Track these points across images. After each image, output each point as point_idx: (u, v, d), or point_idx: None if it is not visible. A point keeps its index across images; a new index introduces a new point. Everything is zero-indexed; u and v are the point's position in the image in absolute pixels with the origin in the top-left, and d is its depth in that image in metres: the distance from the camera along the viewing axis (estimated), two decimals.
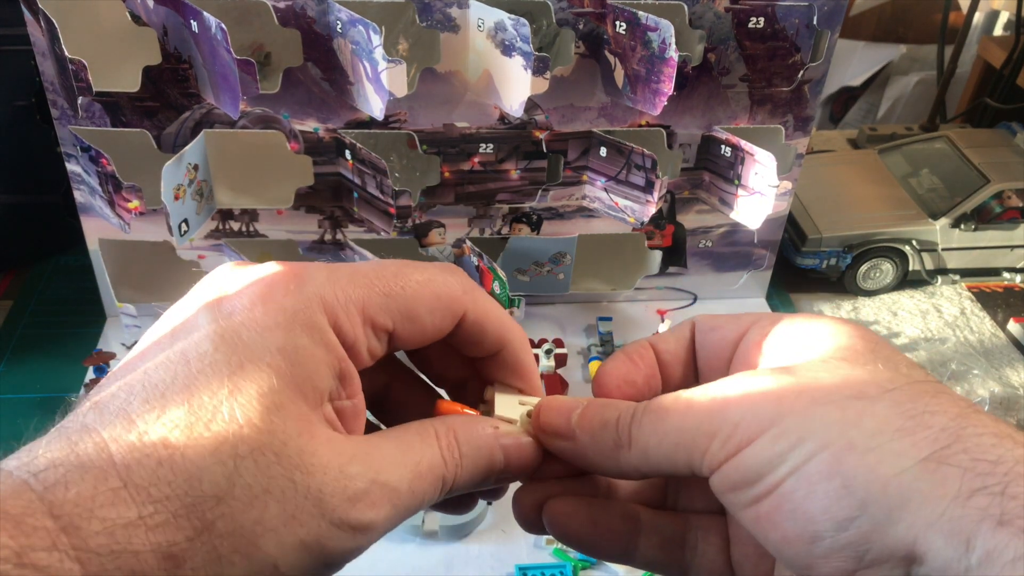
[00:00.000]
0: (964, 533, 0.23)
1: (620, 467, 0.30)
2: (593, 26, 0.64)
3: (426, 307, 0.30)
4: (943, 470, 0.24)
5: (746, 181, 0.68)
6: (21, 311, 0.77)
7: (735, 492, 0.27)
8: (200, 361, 0.25)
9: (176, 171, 0.60)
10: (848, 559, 0.25)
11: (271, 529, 0.24)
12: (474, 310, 0.31)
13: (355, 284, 0.28)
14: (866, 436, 0.25)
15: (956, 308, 0.83)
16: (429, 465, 0.29)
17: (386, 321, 0.29)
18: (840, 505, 0.24)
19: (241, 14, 0.59)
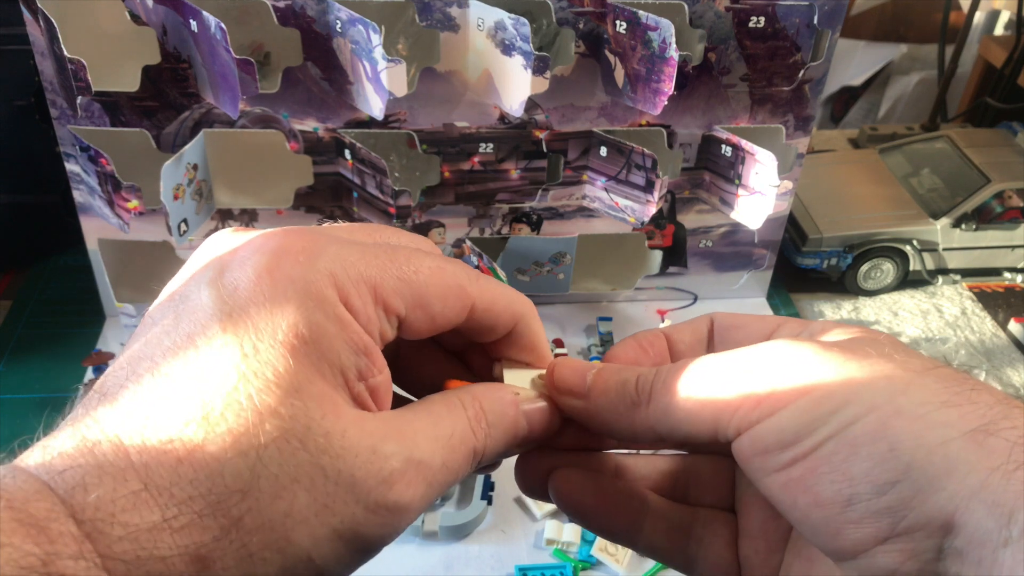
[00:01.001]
0: (1007, 505, 0.22)
1: (634, 427, 0.29)
2: (593, 25, 0.63)
3: (438, 295, 0.28)
4: (990, 442, 0.23)
5: (747, 181, 0.68)
6: (20, 311, 0.77)
7: (764, 456, 0.26)
8: (208, 345, 0.24)
9: (175, 171, 0.60)
10: (882, 525, 0.24)
11: (302, 520, 0.23)
12: (481, 298, 0.30)
13: (367, 263, 0.27)
14: (914, 404, 0.25)
15: (957, 308, 0.83)
16: (461, 438, 0.28)
17: (399, 305, 0.27)
18: (884, 467, 0.24)
19: (240, 14, 0.59)
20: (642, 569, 0.57)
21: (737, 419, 0.27)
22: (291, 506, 0.23)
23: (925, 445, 0.24)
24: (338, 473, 0.24)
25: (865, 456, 0.24)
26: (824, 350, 0.27)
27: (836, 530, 0.25)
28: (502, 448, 0.30)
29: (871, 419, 0.25)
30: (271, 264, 0.25)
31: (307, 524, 0.23)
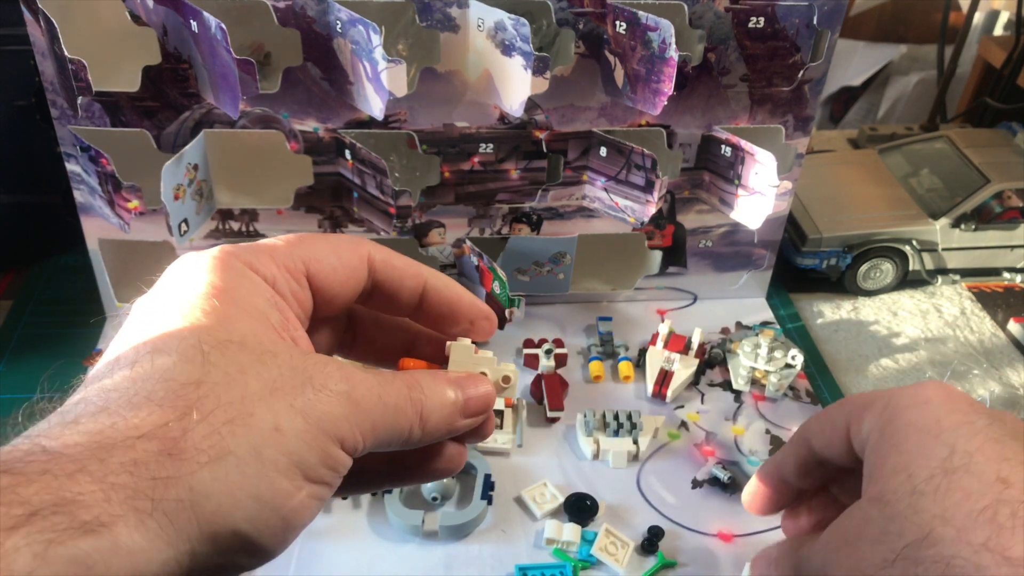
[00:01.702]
0: None
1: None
2: (593, 26, 0.64)
3: (329, 247, 0.32)
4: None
5: (746, 181, 0.68)
6: (21, 311, 0.77)
7: None
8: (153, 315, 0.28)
9: (176, 171, 0.60)
10: None
11: (259, 399, 0.25)
12: (378, 252, 0.33)
13: (258, 246, 0.31)
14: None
15: (956, 308, 0.83)
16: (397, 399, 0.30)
17: (296, 263, 0.31)
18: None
19: (241, 14, 0.59)
20: (642, 569, 0.57)
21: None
22: (245, 389, 0.25)
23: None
24: (280, 364, 0.27)
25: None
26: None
27: None
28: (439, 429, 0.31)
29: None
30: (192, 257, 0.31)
31: (264, 401, 0.25)
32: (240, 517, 0.24)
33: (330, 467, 0.27)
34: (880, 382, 0.74)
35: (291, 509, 0.25)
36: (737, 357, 0.72)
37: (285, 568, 0.56)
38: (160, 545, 0.22)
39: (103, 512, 0.21)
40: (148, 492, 0.22)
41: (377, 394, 0.29)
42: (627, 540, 0.58)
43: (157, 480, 0.23)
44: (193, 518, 0.23)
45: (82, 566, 0.21)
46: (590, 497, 0.61)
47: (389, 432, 0.29)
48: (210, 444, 0.24)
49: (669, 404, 0.70)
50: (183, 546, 0.23)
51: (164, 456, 0.23)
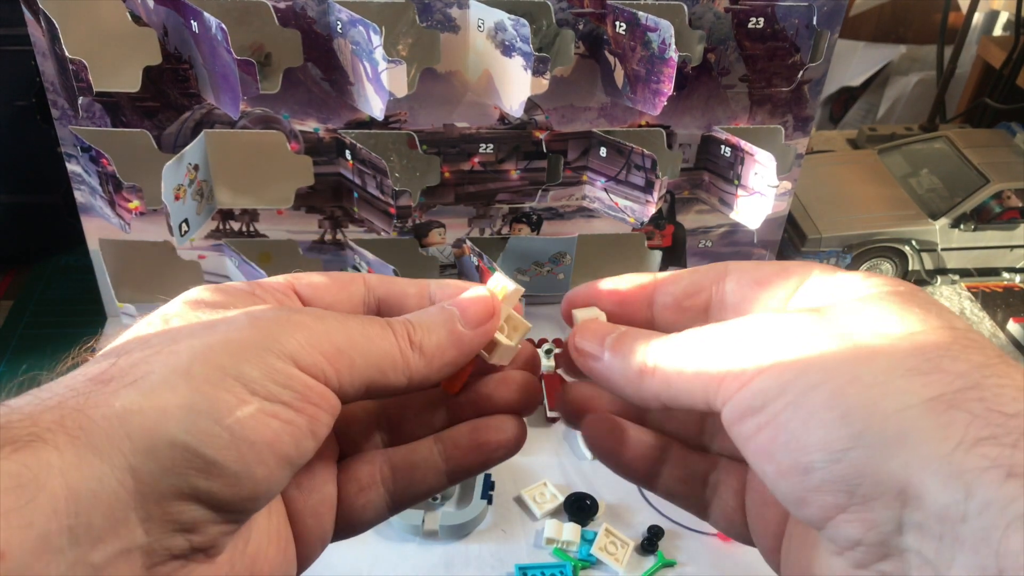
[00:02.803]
0: (964, 479, 0.22)
1: (641, 393, 0.30)
2: (593, 26, 0.64)
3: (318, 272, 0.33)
4: (951, 413, 0.23)
5: (746, 181, 0.68)
6: (21, 311, 0.77)
7: (740, 423, 0.27)
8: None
9: (176, 171, 0.60)
10: (839, 493, 0.24)
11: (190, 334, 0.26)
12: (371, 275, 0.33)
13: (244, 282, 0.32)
14: (874, 372, 0.24)
15: (956, 308, 0.83)
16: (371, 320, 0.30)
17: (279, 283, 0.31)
18: (835, 435, 0.24)
19: (241, 14, 0.59)
20: (642, 568, 0.57)
21: (723, 390, 0.27)
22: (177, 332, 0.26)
23: (880, 412, 0.24)
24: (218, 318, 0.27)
25: (818, 423, 0.24)
26: (804, 320, 0.27)
27: (801, 499, 0.25)
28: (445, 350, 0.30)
29: (827, 387, 0.25)
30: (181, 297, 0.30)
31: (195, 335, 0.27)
32: (174, 427, 0.23)
33: (285, 384, 0.25)
34: None
35: (237, 420, 0.24)
36: None
37: None
38: (92, 460, 0.22)
39: (32, 431, 0.22)
40: (76, 409, 0.23)
41: (336, 320, 0.28)
42: (627, 540, 0.58)
43: (83, 399, 0.23)
44: (123, 432, 0.23)
45: (15, 480, 0.20)
46: (590, 497, 0.61)
47: (367, 358, 0.28)
48: (136, 368, 0.24)
49: None
50: (118, 460, 0.22)
51: (90, 383, 0.24)
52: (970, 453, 0.22)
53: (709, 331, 0.29)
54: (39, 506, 0.21)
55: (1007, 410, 0.23)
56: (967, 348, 0.25)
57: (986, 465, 0.22)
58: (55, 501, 0.21)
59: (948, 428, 0.23)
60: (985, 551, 0.21)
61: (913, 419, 0.23)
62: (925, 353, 0.24)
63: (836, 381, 0.25)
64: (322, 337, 0.27)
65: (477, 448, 0.33)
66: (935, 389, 0.23)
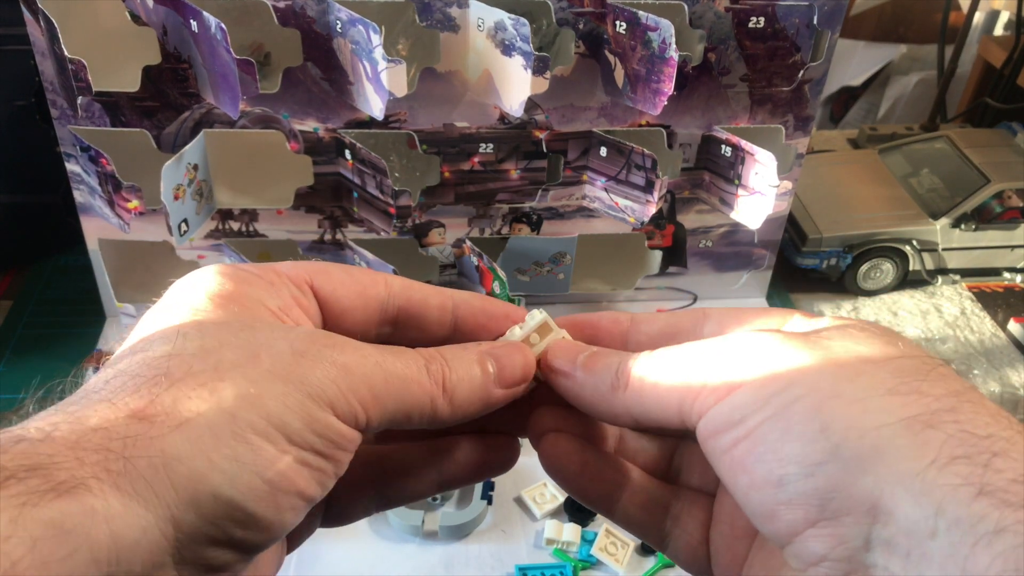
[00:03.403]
0: (936, 496, 0.22)
1: (613, 409, 0.30)
2: (593, 26, 0.63)
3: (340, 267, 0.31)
4: (927, 433, 0.23)
5: (746, 181, 0.68)
6: (21, 311, 0.77)
7: (716, 437, 0.27)
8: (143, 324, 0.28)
9: (176, 171, 0.60)
10: (811, 507, 0.24)
11: (233, 366, 0.25)
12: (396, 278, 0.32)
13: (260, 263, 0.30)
14: (856, 389, 0.25)
15: (956, 308, 0.83)
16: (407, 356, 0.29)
17: (301, 273, 0.30)
18: (812, 448, 0.24)
19: (241, 14, 0.59)
20: (642, 569, 0.57)
21: (698, 404, 0.27)
22: (220, 360, 0.25)
23: (857, 428, 0.24)
24: (261, 336, 0.26)
25: (797, 435, 0.25)
26: (784, 339, 0.27)
27: (771, 512, 0.25)
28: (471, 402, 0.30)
29: (808, 401, 0.25)
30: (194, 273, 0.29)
31: (239, 368, 0.25)
32: (219, 480, 0.23)
33: (321, 434, 0.25)
34: None
35: (277, 472, 0.24)
36: None
37: (285, 568, 0.56)
38: (137, 509, 0.22)
39: (76, 474, 0.21)
40: (120, 453, 0.22)
41: (375, 361, 0.27)
42: (627, 540, 0.58)
43: (128, 441, 0.22)
44: (168, 481, 0.22)
45: (59, 529, 0.20)
46: None
47: (399, 403, 0.28)
48: (180, 408, 0.23)
49: None
50: (162, 511, 0.22)
51: (134, 421, 0.23)
52: (943, 471, 0.23)
53: (686, 347, 0.29)
54: (81, 556, 0.20)
55: (980, 432, 0.23)
56: (944, 376, 0.25)
57: (958, 483, 0.22)
58: (97, 551, 0.21)
59: (924, 447, 0.23)
60: (952, 568, 0.22)
61: (890, 436, 0.24)
62: (904, 376, 0.25)
63: (817, 396, 0.25)
64: (361, 383, 0.27)
65: (474, 465, 0.33)
66: (913, 409, 0.24)
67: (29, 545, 0.20)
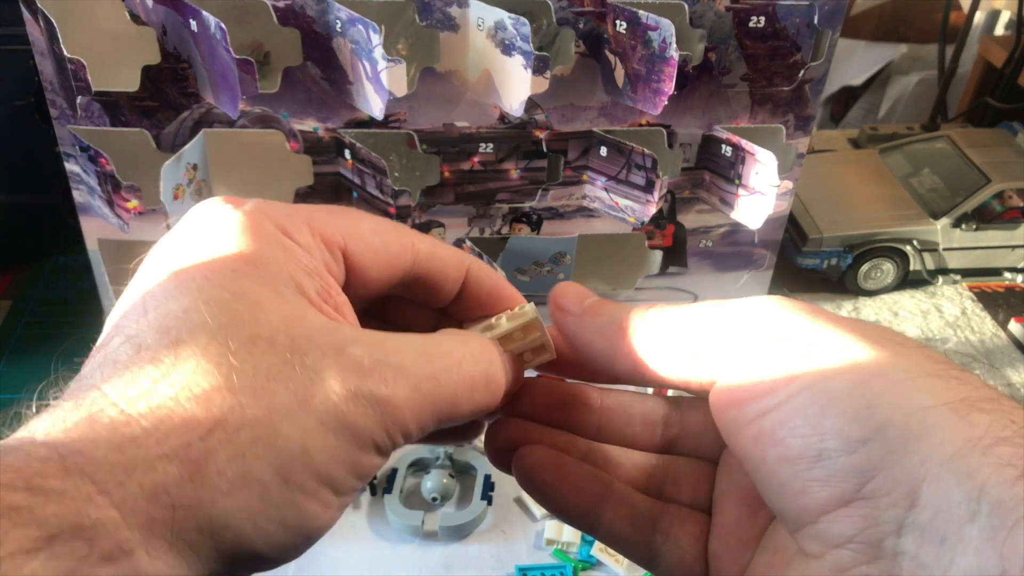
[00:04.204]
0: (979, 477, 0.22)
1: (616, 357, 0.29)
2: (593, 25, 0.63)
3: (372, 227, 0.29)
4: (973, 415, 0.23)
5: (747, 181, 0.68)
6: (20, 311, 0.77)
7: (739, 407, 0.26)
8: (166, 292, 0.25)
9: (175, 171, 0.60)
10: (847, 485, 0.23)
11: (286, 413, 0.23)
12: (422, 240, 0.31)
13: (294, 209, 0.28)
14: (899, 369, 0.24)
15: (957, 308, 0.83)
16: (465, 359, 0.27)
17: (335, 235, 0.28)
18: (857, 424, 0.23)
19: (240, 13, 0.59)
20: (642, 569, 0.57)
21: (716, 363, 0.26)
22: (272, 401, 0.23)
23: (904, 408, 0.23)
24: (312, 364, 0.24)
25: (840, 411, 0.24)
26: (815, 312, 0.27)
27: (801, 488, 0.24)
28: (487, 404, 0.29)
29: (851, 376, 0.24)
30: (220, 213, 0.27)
31: (292, 416, 0.23)
32: (262, 544, 0.23)
33: (361, 476, 0.25)
34: None
35: (318, 527, 0.24)
36: None
37: (285, 569, 0.56)
38: (180, 570, 0.21)
39: (123, 539, 0.20)
40: (168, 521, 0.21)
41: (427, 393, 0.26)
42: None
43: (178, 509, 0.21)
44: (213, 546, 0.22)
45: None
46: None
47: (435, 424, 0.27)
48: (233, 469, 0.22)
49: None
50: (203, 568, 0.22)
51: (185, 480, 0.22)
52: (988, 452, 0.22)
53: (706, 304, 0.28)
54: None
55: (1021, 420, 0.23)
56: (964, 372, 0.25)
57: (1002, 463, 0.22)
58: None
59: (968, 429, 0.23)
60: (988, 551, 0.21)
61: (935, 418, 0.23)
62: (940, 364, 0.25)
63: (859, 372, 0.24)
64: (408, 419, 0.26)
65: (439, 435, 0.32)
66: (957, 393, 0.24)
67: None
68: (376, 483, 0.62)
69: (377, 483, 0.62)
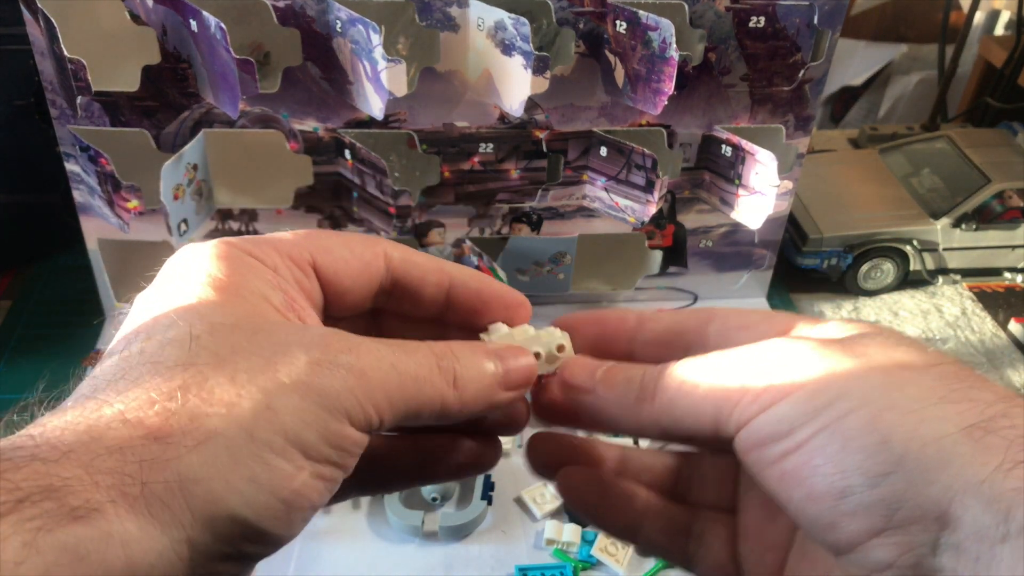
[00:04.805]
0: (1005, 501, 0.22)
1: (640, 421, 0.30)
2: (593, 25, 0.63)
3: (340, 241, 0.30)
4: (988, 439, 0.24)
5: (747, 181, 0.68)
6: (20, 311, 0.77)
7: (761, 449, 0.26)
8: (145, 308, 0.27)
9: (175, 171, 0.60)
10: (877, 517, 0.24)
11: (249, 379, 0.24)
12: (395, 248, 0.31)
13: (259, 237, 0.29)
14: (909, 399, 0.25)
15: (957, 308, 0.83)
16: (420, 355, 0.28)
17: (302, 252, 0.29)
18: (876, 459, 0.24)
19: (240, 13, 0.59)
20: (642, 569, 0.57)
21: (737, 413, 0.27)
22: (235, 369, 0.24)
23: (919, 438, 0.24)
24: (276, 341, 0.25)
25: (857, 448, 0.24)
26: (822, 347, 0.27)
27: (831, 523, 0.25)
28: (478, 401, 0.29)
29: (863, 413, 0.25)
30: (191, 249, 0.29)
31: (255, 381, 0.24)
32: (236, 501, 0.23)
33: (335, 445, 0.25)
34: None
35: (293, 491, 0.24)
36: None
37: (285, 568, 0.56)
38: (153, 533, 0.21)
39: (92, 498, 0.21)
40: (136, 477, 0.22)
41: (390, 363, 0.27)
42: None
43: (144, 463, 0.22)
44: (184, 504, 0.22)
45: (74, 554, 0.20)
46: None
47: (412, 403, 0.27)
48: (197, 426, 0.23)
49: None
50: (177, 533, 0.22)
51: (150, 441, 0.22)
52: (1009, 476, 0.23)
53: (718, 355, 0.29)
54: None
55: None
56: (983, 381, 0.26)
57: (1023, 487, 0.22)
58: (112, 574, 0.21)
59: (987, 453, 0.23)
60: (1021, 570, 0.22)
61: (953, 445, 0.24)
62: (950, 383, 0.25)
63: (872, 407, 0.25)
64: (378, 389, 0.26)
65: (456, 467, 0.33)
66: (970, 417, 0.24)
67: (42, 571, 0.19)
68: None
69: None
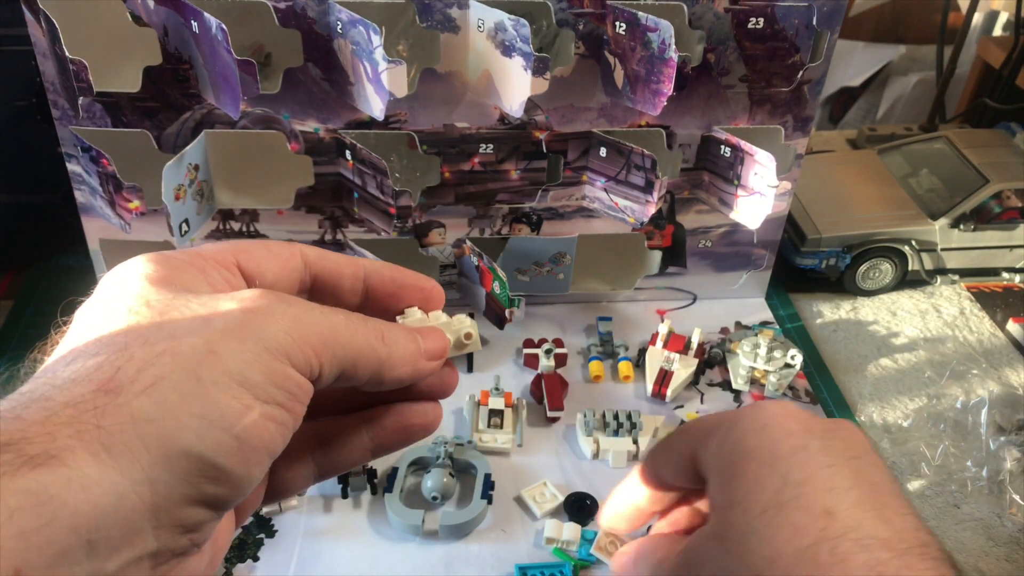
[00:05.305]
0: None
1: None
2: (593, 26, 0.64)
3: (259, 244, 0.32)
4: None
5: (746, 181, 0.68)
6: (21, 311, 0.77)
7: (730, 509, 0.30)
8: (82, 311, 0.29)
9: (177, 171, 0.60)
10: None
11: (188, 331, 0.25)
12: (310, 248, 0.33)
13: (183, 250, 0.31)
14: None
15: (955, 308, 0.84)
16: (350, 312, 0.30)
17: (224, 255, 0.31)
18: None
19: (241, 14, 0.59)
20: None
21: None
22: (175, 323, 0.26)
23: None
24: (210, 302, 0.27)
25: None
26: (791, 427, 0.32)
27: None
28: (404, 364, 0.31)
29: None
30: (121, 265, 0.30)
31: (195, 332, 0.25)
32: (189, 438, 0.24)
33: (280, 385, 0.26)
34: (879, 382, 0.75)
35: (244, 428, 0.25)
36: (736, 357, 0.72)
37: (285, 568, 0.56)
38: (112, 475, 0.22)
39: (50, 447, 0.22)
40: (92, 423, 0.23)
41: (321, 311, 0.29)
42: (627, 539, 0.58)
43: (98, 411, 0.23)
44: (140, 443, 0.23)
45: (36, 499, 0.21)
46: (590, 496, 0.61)
47: (347, 350, 0.29)
48: (144, 375, 0.24)
49: (669, 404, 0.70)
50: (137, 474, 0.23)
51: (101, 393, 0.23)
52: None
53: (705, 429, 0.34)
54: (59, 524, 0.21)
55: None
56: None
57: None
58: (75, 518, 0.21)
59: None
60: None
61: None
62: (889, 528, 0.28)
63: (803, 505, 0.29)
64: (312, 331, 0.28)
65: (402, 430, 0.34)
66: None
67: (6, 516, 0.20)
68: (377, 482, 0.62)
69: (378, 482, 0.62)
